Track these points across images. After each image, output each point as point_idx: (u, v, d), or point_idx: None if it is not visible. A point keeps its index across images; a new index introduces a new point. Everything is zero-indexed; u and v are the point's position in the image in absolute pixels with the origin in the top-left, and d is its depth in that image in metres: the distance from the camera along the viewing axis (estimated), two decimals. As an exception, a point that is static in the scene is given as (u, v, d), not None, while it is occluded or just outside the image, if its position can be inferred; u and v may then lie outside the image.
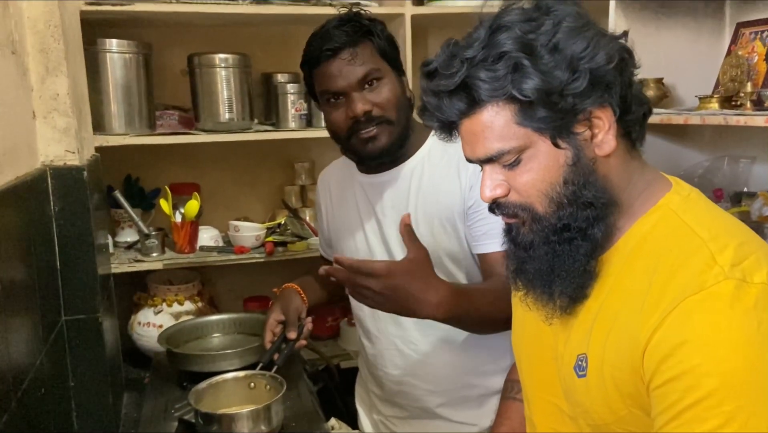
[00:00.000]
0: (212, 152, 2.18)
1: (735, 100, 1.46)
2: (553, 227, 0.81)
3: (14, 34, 1.12)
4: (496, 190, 0.83)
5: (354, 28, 1.25)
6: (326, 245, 1.57)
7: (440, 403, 1.39)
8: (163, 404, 1.43)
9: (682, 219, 0.80)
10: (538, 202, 0.81)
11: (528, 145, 0.79)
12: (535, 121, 0.77)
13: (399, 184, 1.34)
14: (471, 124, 0.80)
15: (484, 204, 1.29)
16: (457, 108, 0.79)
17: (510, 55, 0.75)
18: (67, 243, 1.26)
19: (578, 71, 0.75)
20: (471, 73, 0.77)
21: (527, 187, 0.81)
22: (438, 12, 2.05)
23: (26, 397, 0.97)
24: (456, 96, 0.79)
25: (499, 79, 0.76)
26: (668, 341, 0.72)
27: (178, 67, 2.04)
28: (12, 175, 1.04)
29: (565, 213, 0.80)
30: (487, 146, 0.80)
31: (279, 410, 1.25)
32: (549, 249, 0.82)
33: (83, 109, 1.45)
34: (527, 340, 0.98)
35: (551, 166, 0.79)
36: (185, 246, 1.97)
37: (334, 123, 1.29)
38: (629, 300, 0.79)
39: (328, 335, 2.25)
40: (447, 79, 0.78)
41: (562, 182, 0.79)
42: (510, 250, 0.88)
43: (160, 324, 1.87)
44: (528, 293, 0.87)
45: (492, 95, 0.77)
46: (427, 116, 0.84)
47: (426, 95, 0.82)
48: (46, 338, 1.13)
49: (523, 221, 0.83)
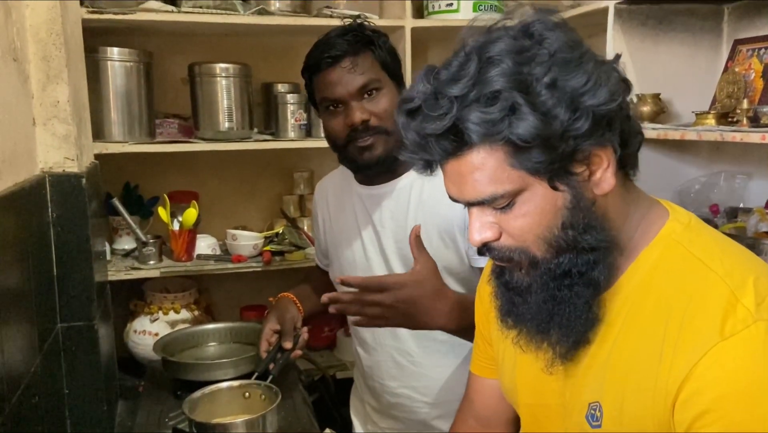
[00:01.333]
0: (211, 161, 2.19)
1: (731, 117, 1.47)
2: (552, 273, 0.75)
3: (16, 41, 1.13)
4: (486, 233, 0.76)
5: (356, 38, 1.26)
6: (322, 255, 1.57)
7: (437, 415, 1.39)
8: (157, 412, 1.43)
9: (689, 251, 0.75)
10: (534, 246, 0.75)
11: (523, 188, 0.72)
12: (532, 164, 0.70)
13: (398, 196, 1.35)
14: (458, 165, 0.73)
15: None
16: (443, 149, 0.72)
17: (504, 94, 0.68)
18: (65, 250, 1.26)
19: (579, 110, 0.69)
20: (462, 114, 0.69)
21: (522, 232, 0.74)
22: (438, 25, 2.07)
23: (20, 404, 0.97)
24: (443, 137, 0.71)
25: (494, 122, 0.68)
26: (703, 396, 0.67)
27: (178, 75, 2.05)
28: (11, 182, 1.04)
29: (565, 258, 0.74)
30: (478, 189, 0.73)
31: (274, 420, 1.24)
32: (548, 295, 0.76)
33: (83, 117, 1.46)
34: (525, 386, 0.91)
35: (548, 209, 0.73)
36: (183, 254, 1.97)
37: (332, 131, 1.30)
38: (644, 344, 0.73)
39: (324, 345, 2.25)
40: (434, 121, 0.70)
41: (561, 226, 0.73)
42: (500, 291, 0.82)
43: (156, 332, 1.86)
44: (521, 335, 0.82)
45: (485, 139, 0.69)
46: (408, 155, 0.75)
47: (407, 132, 0.73)
48: (41, 345, 1.13)
49: (519, 265, 0.77)
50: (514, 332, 0.82)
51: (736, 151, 1.69)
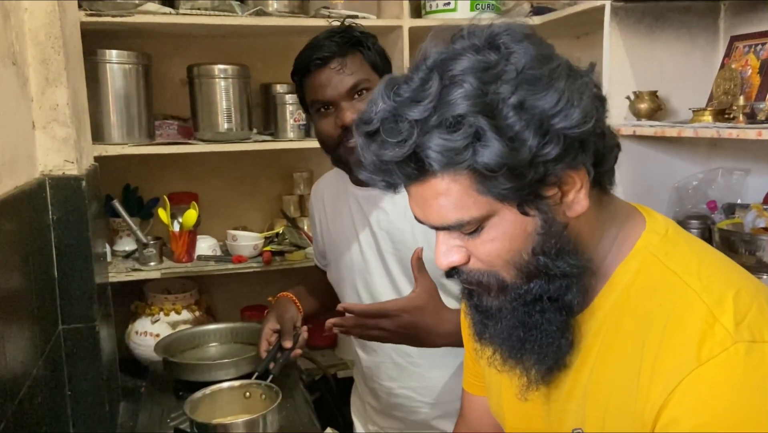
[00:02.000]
0: (211, 162, 2.19)
1: (728, 113, 1.47)
2: (521, 298, 0.72)
3: (15, 45, 1.13)
4: (452, 257, 0.72)
5: (344, 39, 1.26)
6: (320, 256, 1.58)
7: (436, 415, 1.39)
8: (159, 413, 1.44)
9: (666, 265, 0.71)
10: (504, 270, 0.71)
11: (491, 214, 0.68)
12: (499, 191, 0.66)
13: (395, 197, 1.33)
14: (422, 189, 0.68)
15: None
16: (405, 174, 0.67)
17: (468, 119, 0.63)
18: (65, 252, 1.26)
19: (549, 133, 0.64)
20: (422, 141, 0.64)
21: (491, 257, 0.71)
22: (436, 24, 2.07)
23: (23, 406, 0.98)
24: (404, 163, 0.66)
25: (456, 150, 0.63)
26: (681, 423, 0.64)
27: (177, 77, 2.06)
28: (11, 185, 1.05)
29: (536, 285, 0.71)
30: (443, 215, 0.69)
31: (274, 420, 1.25)
32: (517, 321, 0.73)
33: (83, 119, 1.47)
34: (512, 412, 0.88)
35: (518, 234, 0.69)
36: (183, 255, 1.97)
37: (324, 132, 1.30)
38: (622, 367, 0.70)
39: (325, 345, 2.25)
40: (393, 147, 0.65)
41: (531, 252, 0.69)
42: (471, 313, 0.79)
43: (157, 333, 1.87)
44: (495, 356, 0.79)
45: (447, 168, 0.65)
46: (368, 176, 0.70)
47: (366, 154, 0.68)
48: (43, 346, 1.14)
49: (489, 288, 0.73)
50: (489, 352, 0.80)
51: (734, 148, 1.69)
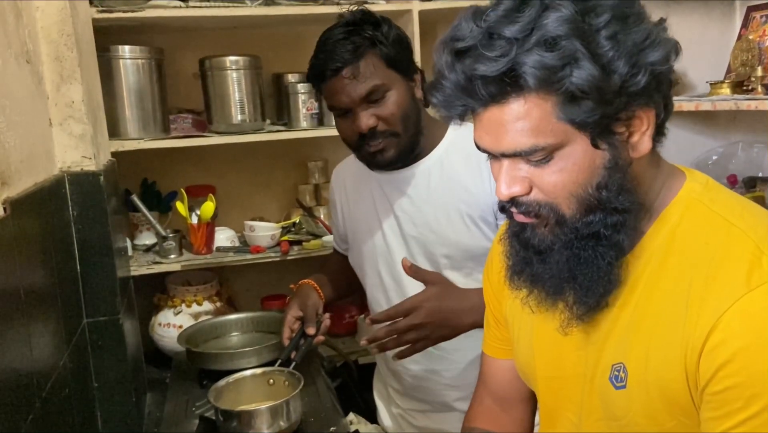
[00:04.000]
0: (226, 154, 2.20)
1: (746, 85, 1.45)
2: (578, 232, 0.73)
3: (28, 43, 1.15)
4: (515, 187, 0.73)
5: (356, 44, 1.22)
6: (341, 240, 1.58)
7: (459, 397, 1.40)
8: (184, 402, 1.46)
9: (710, 209, 0.75)
10: (565, 203, 0.73)
11: (564, 143, 0.70)
12: (580, 117, 0.67)
13: (418, 180, 1.35)
14: (500, 112, 0.69)
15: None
16: (489, 94, 0.68)
17: (565, 41, 0.65)
18: (87, 247, 1.28)
19: (638, 65, 0.67)
20: (520, 58, 0.65)
21: (555, 188, 0.72)
22: (446, 7, 2.05)
23: (50, 398, 1.00)
24: (493, 81, 0.67)
25: (554, 68, 0.65)
26: (728, 345, 0.67)
27: (190, 70, 2.06)
28: (31, 182, 1.06)
29: (595, 218, 0.72)
30: (518, 140, 0.70)
31: (297, 406, 1.26)
32: (571, 254, 0.74)
33: (98, 116, 1.48)
34: (544, 359, 0.89)
35: (585, 167, 0.71)
36: (202, 247, 1.99)
37: (344, 134, 1.31)
38: (669, 302, 0.73)
39: (346, 332, 2.26)
40: (489, 62, 0.66)
41: (595, 186, 0.71)
42: (514, 250, 0.80)
43: (180, 324, 1.89)
44: (532, 296, 0.81)
45: (542, 85, 0.66)
46: (443, 98, 0.72)
47: (451, 73, 0.69)
48: (68, 340, 1.16)
49: (546, 221, 0.74)
50: (525, 292, 0.82)
51: (753, 121, 1.66)
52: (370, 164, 1.33)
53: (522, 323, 0.92)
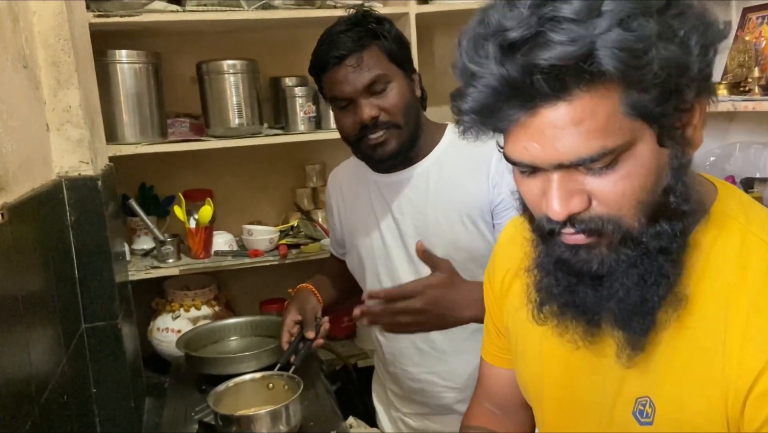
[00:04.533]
0: (224, 158, 2.20)
1: (743, 86, 1.45)
2: (646, 246, 0.63)
3: (25, 48, 1.14)
4: (573, 202, 0.62)
5: (359, 34, 1.24)
6: (338, 245, 1.58)
7: (460, 399, 1.39)
8: (183, 407, 1.45)
9: (748, 229, 0.67)
10: (630, 214, 0.62)
11: (632, 143, 0.59)
12: (650, 110, 0.58)
13: (416, 182, 1.35)
14: (556, 114, 0.58)
15: (512, 200, 1.32)
16: (551, 88, 0.57)
17: (640, 20, 0.55)
18: (84, 252, 1.28)
19: (707, 46, 0.59)
20: (598, 40, 0.55)
21: (623, 197, 0.61)
22: (443, 10, 2.05)
23: (49, 404, 0.99)
24: (559, 71, 0.56)
25: (635, 51, 0.55)
26: None
27: (187, 74, 2.06)
28: (28, 187, 1.06)
29: (662, 228, 0.62)
30: (583, 145, 0.58)
31: (297, 410, 1.26)
32: (642, 272, 0.64)
33: (96, 120, 1.48)
34: (554, 378, 0.80)
35: (653, 169, 0.61)
36: (200, 251, 1.99)
37: (344, 127, 1.30)
38: (703, 333, 0.65)
39: (345, 335, 2.26)
40: (560, 47, 0.55)
41: (662, 190, 0.62)
42: (553, 279, 0.69)
43: (179, 329, 1.89)
44: (573, 327, 0.70)
45: (623, 72, 0.55)
46: (478, 105, 0.59)
47: (501, 68, 0.57)
48: (66, 345, 1.15)
49: (609, 238, 0.63)
50: (566, 325, 0.70)
51: (751, 121, 1.67)
52: (370, 159, 1.32)
53: (528, 337, 0.83)
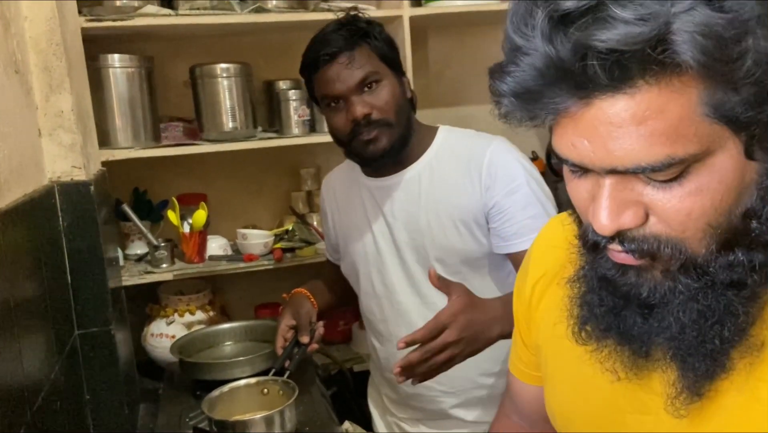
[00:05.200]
0: (218, 162, 2.19)
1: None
2: (713, 278, 0.52)
3: (17, 53, 1.14)
4: (623, 216, 0.51)
5: (351, 32, 1.26)
6: (333, 250, 1.58)
7: (454, 404, 1.39)
8: (177, 413, 1.44)
9: None
10: (695, 238, 0.51)
11: (709, 152, 0.48)
12: (741, 113, 0.46)
13: (408, 186, 1.35)
14: (614, 108, 0.47)
15: (507, 203, 1.29)
16: (608, 77, 0.45)
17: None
18: (77, 258, 1.27)
19: None
20: (676, 21, 0.43)
21: (687, 218, 0.50)
22: (436, 12, 2.06)
23: (41, 411, 0.99)
24: (622, 57, 0.44)
25: (725, 40, 0.43)
26: None
27: (180, 78, 2.06)
28: (20, 193, 1.05)
29: (737, 258, 0.51)
30: (644, 150, 0.47)
31: (292, 415, 1.25)
32: (701, 308, 0.53)
33: (88, 125, 1.47)
34: (588, 409, 0.68)
35: (732, 186, 0.49)
36: (194, 256, 1.98)
37: (335, 127, 1.30)
38: None
39: (341, 340, 2.26)
40: (627, 26, 0.43)
41: (742, 213, 0.50)
42: (597, 297, 0.59)
43: (173, 334, 1.88)
44: (617, 356, 0.59)
45: (706, 65, 0.44)
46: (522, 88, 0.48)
47: (551, 46, 0.46)
48: (59, 351, 1.14)
49: (666, 262, 0.52)
50: (605, 352, 0.60)
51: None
52: (362, 157, 1.32)
53: (562, 357, 0.71)
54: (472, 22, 2.25)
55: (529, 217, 1.25)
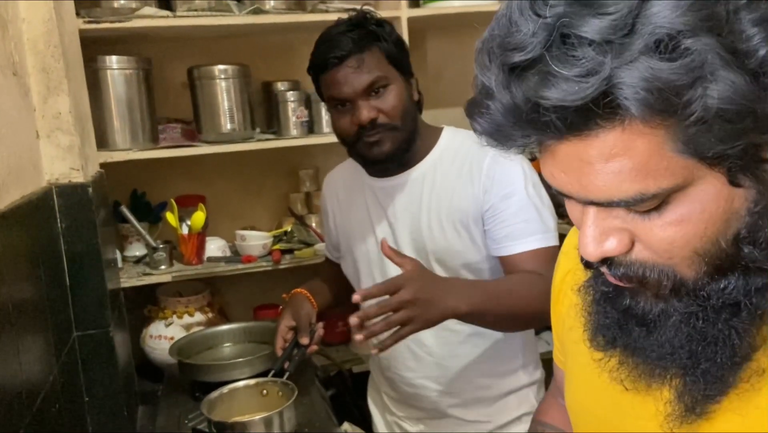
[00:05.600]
0: (216, 163, 2.19)
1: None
2: (705, 301, 0.52)
3: (14, 55, 1.14)
4: (608, 243, 0.51)
5: (360, 35, 1.24)
6: (333, 249, 1.58)
7: (454, 404, 1.39)
8: (176, 415, 1.44)
9: None
10: (684, 263, 0.51)
11: (688, 183, 0.47)
12: (713, 150, 0.44)
13: (411, 187, 1.34)
14: (584, 146, 0.47)
15: (502, 207, 1.29)
16: (565, 125, 0.45)
17: (690, 39, 0.41)
18: (76, 260, 1.27)
19: None
20: (619, 75, 0.42)
21: (672, 246, 0.50)
22: (435, 13, 2.06)
23: (41, 413, 0.98)
24: (574, 110, 0.45)
25: (675, 88, 0.42)
26: None
27: (178, 80, 2.06)
28: (18, 195, 1.05)
29: (731, 283, 0.51)
30: (615, 186, 0.47)
31: (291, 416, 1.25)
32: (692, 331, 0.53)
33: (86, 127, 1.47)
34: (598, 413, 0.69)
35: (719, 213, 0.48)
36: (193, 258, 1.98)
37: (341, 129, 1.30)
38: None
39: (340, 341, 2.25)
40: (567, 85, 0.43)
41: (732, 238, 0.49)
42: (602, 309, 0.60)
43: (172, 336, 1.88)
44: (624, 368, 0.60)
45: (654, 113, 0.44)
46: (491, 127, 0.49)
47: (504, 95, 0.46)
48: (58, 354, 1.14)
49: (655, 287, 0.53)
50: (614, 361, 0.61)
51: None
52: (366, 159, 1.31)
53: (577, 358, 0.71)
54: (471, 23, 2.25)
55: (522, 221, 1.25)
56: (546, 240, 1.25)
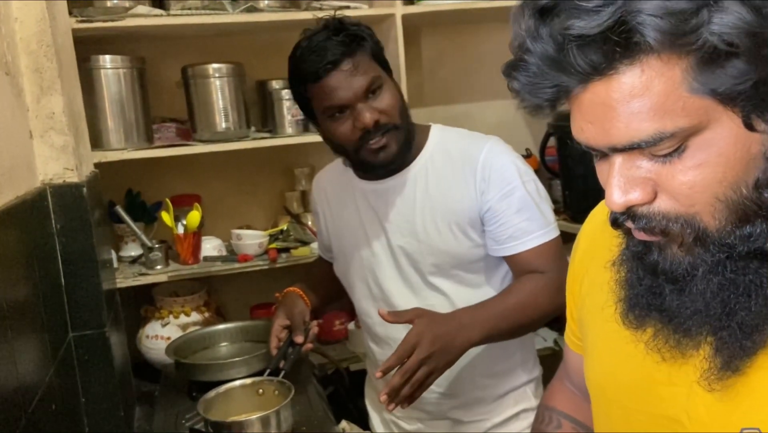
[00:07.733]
0: (211, 162, 2.19)
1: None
2: (731, 250, 0.53)
3: (7, 55, 1.13)
4: (633, 192, 0.54)
5: (348, 38, 1.21)
6: (325, 249, 1.57)
7: (452, 406, 1.39)
8: (173, 415, 1.44)
9: None
10: (706, 211, 0.53)
11: (703, 126, 0.50)
12: (725, 86, 0.48)
13: (403, 190, 1.33)
14: (606, 89, 0.50)
15: (502, 207, 1.28)
16: (590, 63, 0.49)
17: None
18: (71, 260, 1.26)
19: None
20: (633, 5, 0.47)
21: (692, 191, 0.52)
22: (429, 10, 2.05)
23: (36, 414, 0.98)
24: (594, 43, 0.49)
25: (683, 14, 0.46)
26: None
27: (172, 79, 2.05)
28: (12, 195, 1.04)
29: (756, 230, 0.52)
30: (635, 126, 0.50)
31: (288, 415, 1.25)
32: (723, 281, 0.55)
33: (80, 127, 1.46)
34: (626, 383, 0.69)
35: (737, 157, 0.51)
36: (189, 257, 1.97)
37: (341, 137, 1.25)
38: None
39: (337, 339, 2.25)
40: (587, 15, 0.48)
41: (753, 184, 0.51)
42: (635, 276, 0.62)
43: (168, 336, 1.88)
44: (660, 336, 0.61)
45: (667, 43, 0.47)
46: (527, 80, 0.52)
47: (536, 43, 0.51)
48: (54, 354, 1.14)
49: (679, 238, 0.55)
50: (650, 332, 0.62)
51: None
52: (371, 165, 1.28)
53: (602, 330, 0.72)
54: (465, 20, 2.25)
55: (524, 220, 1.25)
56: (548, 234, 1.27)
